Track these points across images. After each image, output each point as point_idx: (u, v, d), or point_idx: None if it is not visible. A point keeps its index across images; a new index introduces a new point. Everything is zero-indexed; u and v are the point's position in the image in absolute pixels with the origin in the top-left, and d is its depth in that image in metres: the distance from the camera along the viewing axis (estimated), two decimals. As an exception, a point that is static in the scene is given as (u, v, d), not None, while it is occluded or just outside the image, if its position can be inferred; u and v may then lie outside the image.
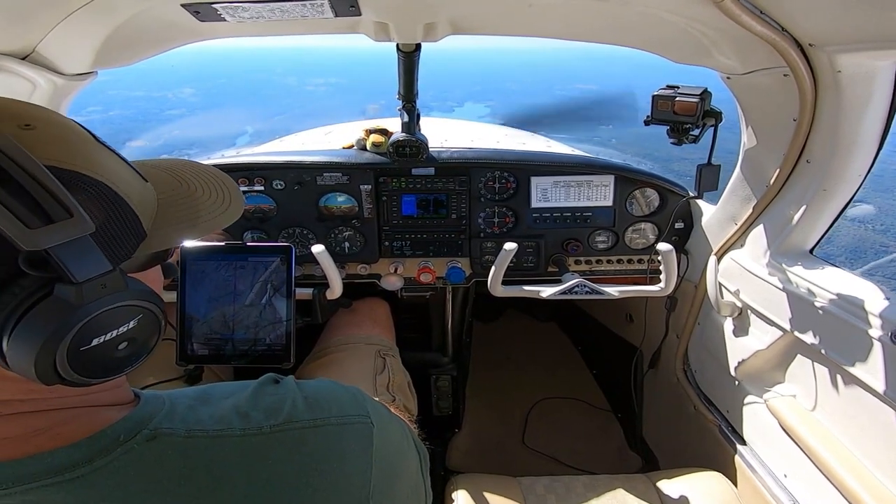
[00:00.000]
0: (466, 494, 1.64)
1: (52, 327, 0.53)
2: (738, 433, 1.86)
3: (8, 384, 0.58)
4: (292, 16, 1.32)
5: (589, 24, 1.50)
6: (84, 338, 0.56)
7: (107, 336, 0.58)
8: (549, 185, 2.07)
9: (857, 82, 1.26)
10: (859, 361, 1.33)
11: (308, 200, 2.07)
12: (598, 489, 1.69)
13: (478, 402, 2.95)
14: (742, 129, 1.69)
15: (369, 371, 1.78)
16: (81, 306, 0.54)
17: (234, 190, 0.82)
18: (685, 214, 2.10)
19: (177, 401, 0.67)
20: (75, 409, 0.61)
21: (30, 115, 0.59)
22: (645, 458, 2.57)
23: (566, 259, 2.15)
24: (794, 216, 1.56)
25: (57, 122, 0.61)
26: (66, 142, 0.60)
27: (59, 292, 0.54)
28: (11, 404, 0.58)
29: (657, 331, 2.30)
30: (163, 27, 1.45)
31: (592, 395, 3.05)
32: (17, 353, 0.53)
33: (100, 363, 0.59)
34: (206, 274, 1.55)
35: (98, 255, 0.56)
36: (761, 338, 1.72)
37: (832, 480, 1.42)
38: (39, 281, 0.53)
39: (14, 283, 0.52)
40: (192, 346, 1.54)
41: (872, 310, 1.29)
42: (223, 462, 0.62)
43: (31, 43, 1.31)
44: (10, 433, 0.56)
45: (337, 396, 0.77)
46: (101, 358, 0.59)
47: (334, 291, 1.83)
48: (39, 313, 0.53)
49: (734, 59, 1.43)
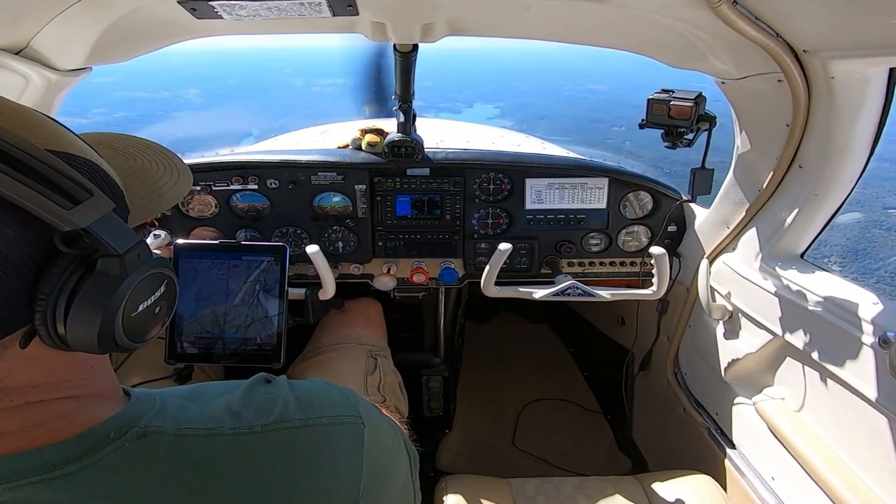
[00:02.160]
0: (456, 495, 1.64)
1: (109, 299, 0.57)
2: (727, 436, 1.87)
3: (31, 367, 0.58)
4: (289, 14, 1.31)
5: (585, 26, 1.51)
6: (133, 305, 0.61)
7: (148, 301, 0.64)
8: (544, 186, 2.08)
9: (849, 88, 1.27)
10: (848, 365, 1.34)
11: (302, 200, 2.06)
12: (588, 491, 1.69)
13: (469, 402, 2.96)
14: (735, 134, 1.70)
15: (360, 371, 1.78)
16: (128, 276, 0.59)
17: (178, 161, 0.82)
18: (678, 218, 2.11)
19: (168, 399, 0.67)
20: (68, 405, 0.60)
21: None
22: (634, 460, 2.58)
23: (559, 261, 2.16)
24: (786, 220, 1.58)
25: (15, 107, 0.60)
26: (37, 125, 0.60)
27: (103, 266, 0.57)
28: (24, 391, 0.57)
29: (648, 333, 2.31)
30: (159, 24, 1.44)
31: (583, 397, 3.06)
32: (78, 329, 0.56)
33: (144, 327, 0.65)
34: (199, 272, 1.54)
35: (127, 229, 0.60)
36: (751, 341, 1.73)
37: (819, 483, 1.43)
38: (75, 259, 0.55)
39: (52, 263, 0.54)
40: (182, 344, 1.53)
41: (862, 314, 1.31)
42: (214, 461, 0.61)
43: (25, 37, 1.29)
44: (7, 427, 0.56)
45: (329, 396, 0.77)
46: (145, 322, 0.64)
47: (327, 292, 1.83)
48: (93, 288, 0.56)
49: (729, 63, 1.44)
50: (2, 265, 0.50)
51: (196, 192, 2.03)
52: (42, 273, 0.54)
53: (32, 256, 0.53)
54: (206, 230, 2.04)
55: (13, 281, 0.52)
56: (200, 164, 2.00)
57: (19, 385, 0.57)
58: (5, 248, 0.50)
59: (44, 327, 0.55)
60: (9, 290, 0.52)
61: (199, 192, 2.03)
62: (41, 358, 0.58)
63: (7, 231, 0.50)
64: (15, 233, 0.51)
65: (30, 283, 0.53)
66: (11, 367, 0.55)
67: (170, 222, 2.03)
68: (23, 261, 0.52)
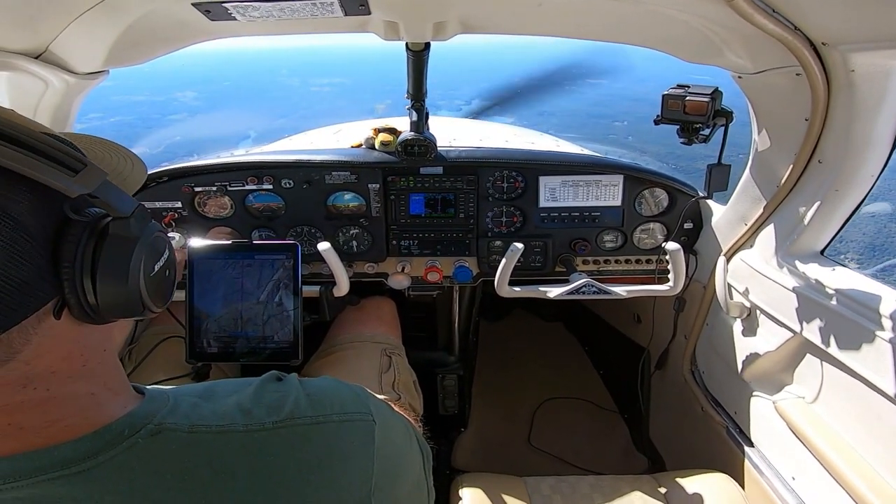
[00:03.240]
0: (472, 493, 1.64)
1: (129, 260, 0.60)
2: (745, 434, 1.85)
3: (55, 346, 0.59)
4: (302, 15, 1.32)
5: (599, 22, 1.49)
6: (150, 265, 0.63)
7: (160, 262, 0.66)
8: (558, 184, 2.07)
9: (870, 82, 1.25)
10: (869, 363, 1.32)
11: (316, 199, 2.08)
12: (604, 490, 1.68)
13: (484, 401, 2.95)
14: (753, 129, 1.68)
15: (375, 369, 1.79)
16: (141, 235, 0.61)
17: (128, 151, 0.83)
18: (694, 214, 2.09)
19: (181, 397, 0.68)
20: (85, 401, 0.61)
21: None
22: (651, 458, 2.56)
23: (574, 259, 2.15)
24: (806, 217, 1.55)
25: None
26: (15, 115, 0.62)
27: (116, 229, 0.59)
28: (45, 378, 0.59)
29: (665, 331, 2.29)
30: (174, 26, 1.45)
31: (599, 396, 3.04)
32: (108, 294, 0.58)
33: (162, 289, 0.67)
34: (214, 272, 1.55)
35: (124, 193, 0.62)
36: (770, 339, 1.71)
37: (841, 483, 1.41)
38: (86, 226, 0.58)
39: (66, 233, 0.57)
40: (202, 343, 1.55)
41: (884, 311, 1.28)
42: (226, 457, 0.62)
43: (43, 42, 1.32)
44: (29, 423, 0.57)
45: (339, 394, 0.78)
46: (162, 284, 0.66)
47: (341, 288, 1.84)
48: (112, 251, 0.59)
49: (746, 58, 1.42)
50: (24, 234, 0.53)
51: (212, 193, 2.05)
52: (59, 242, 0.56)
53: (46, 226, 0.56)
54: (222, 230, 2.07)
55: (36, 248, 0.54)
56: (216, 165, 2.02)
57: (42, 370, 0.58)
58: (23, 218, 0.53)
59: (73, 296, 0.57)
60: (35, 257, 0.54)
61: (215, 193, 2.05)
62: (64, 336, 0.60)
63: (22, 202, 0.53)
64: (29, 202, 0.54)
65: (50, 252, 0.56)
66: (42, 344, 0.57)
67: (186, 223, 2.06)
68: (39, 230, 0.55)
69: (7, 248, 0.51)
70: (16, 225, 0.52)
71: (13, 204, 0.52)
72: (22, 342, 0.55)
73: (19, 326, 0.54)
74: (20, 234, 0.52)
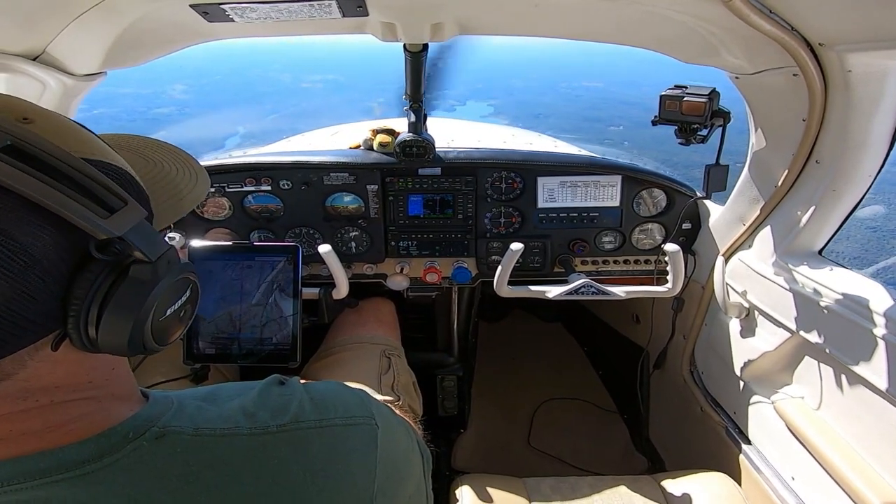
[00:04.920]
0: (472, 494, 1.64)
1: (141, 305, 0.58)
2: (744, 434, 1.85)
3: (57, 368, 0.59)
4: (300, 16, 1.32)
5: (596, 23, 1.50)
6: (162, 310, 0.62)
7: (175, 305, 0.65)
8: (556, 185, 2.07)
9: (867, 82, 1.25)
10: (868, 363, 1.32)
11: (315, 200, 2.07)
12: (604, 490, 1.68)
13: (483, 402, 2.95)
14: (750, 130, 1.68)
15: (374, 371, 1.78)
16: (159, 282, 0.60)
17: (194, 162, 0.83)
18: (693, 215, 2.09)
19: (185, 401, 0.68)
20: (89, 406, 0.61)
21: (23, 108, 0.59)
22: (651, 459, 2.57)
23: (572, 259, 2.15)
24: (803, 217, 1.55)
25: (47, 114, 0.62)
26: (69, 132, 0.61)
27: (136, 273, 0.58)
28: (48, 391, 0.58)
29: (664, 331, 2.29)
30: (171, 28, 1.45)
31: (598, 396, 3.04)
32: (109, 333, 0.57)
33: (170, 330, 0.66)
34: (213, 273, 1.55)
35: (158, 236, 0.61)
36: (769, 339, 1.71)
37: (840, 483, 1.41)
38: (108, 265, 0.57)
39: (85, 269, 0.55)
40: (199, 345, 1.55)
41: (882, 311, 1.28)
42: (230, 461, 0.62)
43: (41, 44, 1.32)
44: (31, 427, 0.57)
45: (343, 398, 0.78)
46: (171, 325, 0.66)
47: (340, 291, 1.84)
48: (126, 294, 0.57)
49: (743, 58, 1.42)
50: (38, 271, 0.52)
51: (210, 194, 2.04)
52: (75, 278, 0.55)
53: (66, 262, 0.54)
54: (220, 231, 2.06)
55: (48, 286, 0.53)
56: (213, 167, 2.02)
57: (43, 385, 0.58)
58: (41, 254, 0.52)
59: (76, 331, 0.56)
60: (44, 295, 0.53)
61: (213, 194, 2.04)
62: (67, 360, 0.59)
63: (44, 238, 0.52)
64: (51, 239, 0.52)
65: (63, 288, 0.55)
66: (39, 368, 0.57)
67: (184, 224, 2.05)
68: (57, 266, 0.53)
69: (16, 284, 0.50)
70: (31, 263, 0.51)
71: (34, 241, 0.51)
72: (16, 367, 0.55)
73: (11, 357, 0.53)
74: (34, 273, 0.51)
